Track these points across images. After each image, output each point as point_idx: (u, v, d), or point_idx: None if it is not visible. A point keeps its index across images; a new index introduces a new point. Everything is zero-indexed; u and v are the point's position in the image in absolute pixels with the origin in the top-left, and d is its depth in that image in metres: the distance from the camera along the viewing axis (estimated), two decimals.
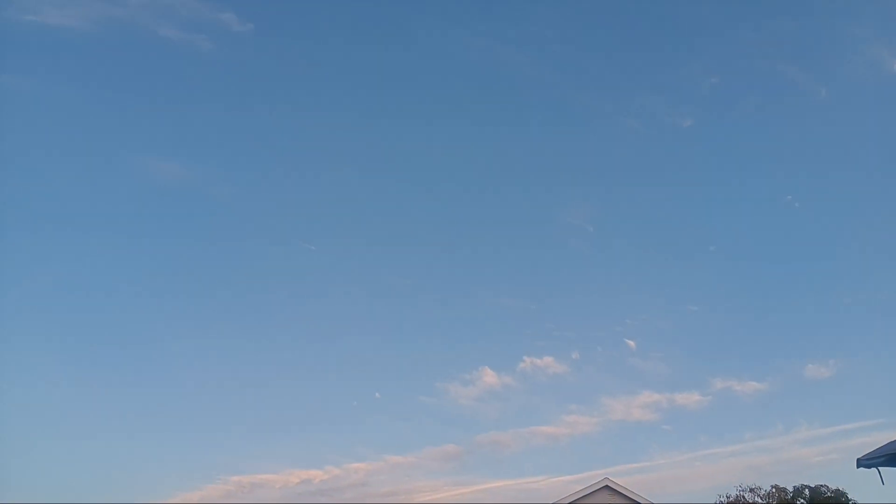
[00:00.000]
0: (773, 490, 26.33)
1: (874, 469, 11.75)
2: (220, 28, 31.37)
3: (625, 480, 18.10)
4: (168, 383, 28.11)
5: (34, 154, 29.32)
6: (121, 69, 30.96)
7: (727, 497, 26.30)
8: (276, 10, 32.75)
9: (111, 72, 30.85)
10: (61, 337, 27.76)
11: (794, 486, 26.65)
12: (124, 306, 28.99)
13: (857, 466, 11.81)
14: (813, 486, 26.65)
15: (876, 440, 12.25)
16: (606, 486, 17.82)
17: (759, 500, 26.19)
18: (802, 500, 26.42)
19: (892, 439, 11.52)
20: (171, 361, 28.42)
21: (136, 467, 26.07)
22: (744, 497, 26.20)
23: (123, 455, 25.83)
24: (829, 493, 26.17)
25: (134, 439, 26.10)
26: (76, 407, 26.65)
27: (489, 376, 29.78)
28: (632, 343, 30.49)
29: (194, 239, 30.39)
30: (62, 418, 26.26)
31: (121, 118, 30.55)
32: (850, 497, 25.86)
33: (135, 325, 28.63)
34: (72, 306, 28.60)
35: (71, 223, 29.27)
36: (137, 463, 26.09)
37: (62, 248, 29.14)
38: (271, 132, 32.21)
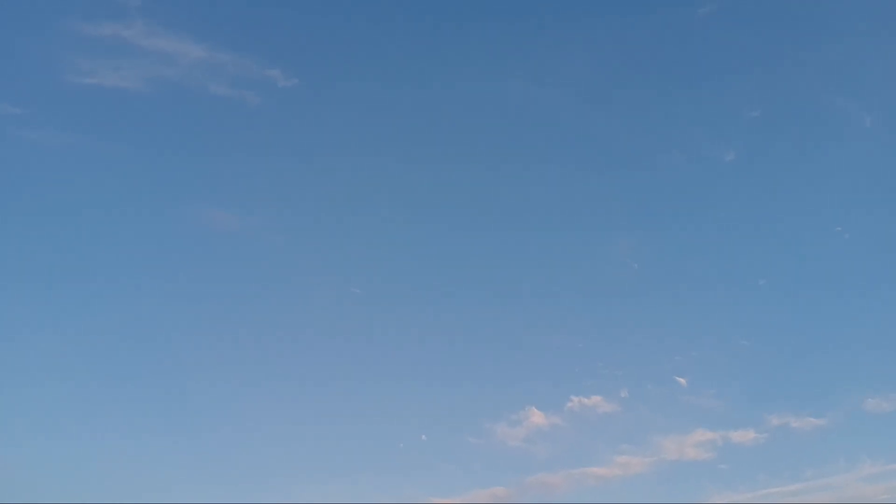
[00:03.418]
0: None
1: None
2: (267, 84, 32.82)
3: None
4: (216, 426, 28.53)
5: (93, 208, 30.87)
6: (174, 125, 32.57)
7: None
8: (319, 64, 34.15)
9: (165, 128, 32.47)
10: (120, 381, 28.54)
11: None
12: (182, 352, 29.73)
13: None
14: None
15: None
16: None
17: None
18: None
19: None
20: (220, 406, 28.90)
21: None
22: None
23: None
24: None
25: (190, 485, 26.46)
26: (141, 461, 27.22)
27: (536, 416, 29.47)
28: (682, 380, 29.89)
29: (247, 282, 31.30)
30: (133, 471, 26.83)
31: (175, 172, 32.01)
32: None
33: (192, 371, 29.33)
34: (127, 351, 29.40)
35: (130, 274, 30.50)
36: None
37: (123, 297, 30.26)
38: (317, 180, 33.24)
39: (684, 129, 34.10)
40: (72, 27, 32.04)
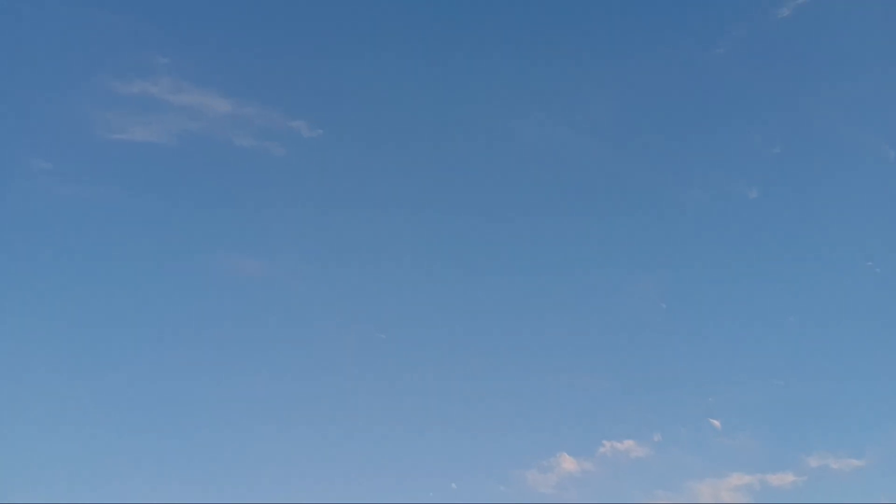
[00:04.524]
0: None
1: None
2: (291, 135, 33.51)
3: None
4: (239, 472, 28.30)
5: (124, 258, 31.40)
6: (201, 177, 33.25)
7: None
8: (342, 114, 34.85)
9: (193, 179, 33.17)
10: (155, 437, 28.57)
11: None
12: (210, 398, 29.76)
13: None
14: None
15: None
16: None
17: None
18: None
19: None
20: (245, 451, 28.75)
21: None
22: None
23: None
24: None
25: None
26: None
27: (568, 462, 28.99)
28: (716, 422, 29.35)
29: (273, 328, 31.45)
30: None
31: (203, 221, 32.55)
32: None
33: (220, 418, 29.32)
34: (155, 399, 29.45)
35: (161, 320, 30.81)
36: None
37: (155, 343, 30.51)
38: (341, 227, 33.54)
39: (705, 167, 34.16)
40: (102, 85, 33.07)
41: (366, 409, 30.16)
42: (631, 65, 35.38)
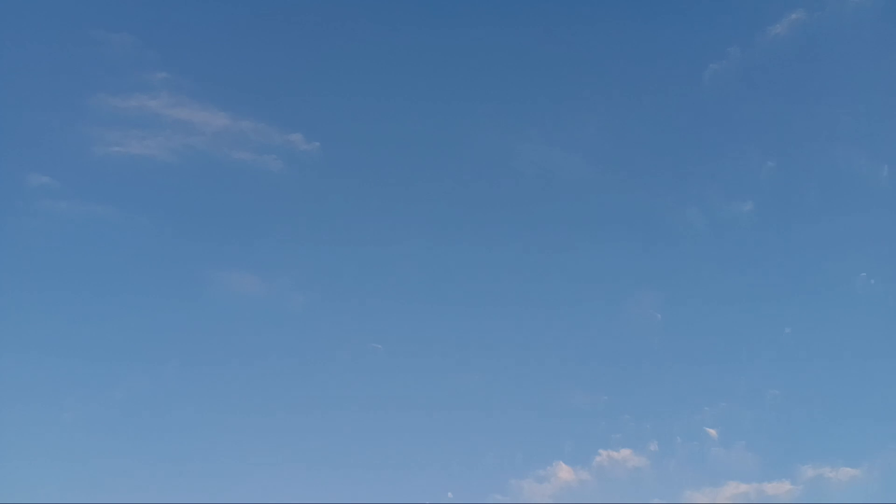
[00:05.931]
0: None
1: None
2: (288, 148, 33.87)
3: None
4: (235, 489, 28.22)
5: (122, 273, 31.61)
6: (199, 191, 33.58)
7: None
8: (339, 128, 35.28)
9: (190, 194, 33.49)
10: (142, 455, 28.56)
11: None
12: (208, 413, 29.79)
13: None
14: None
15: None
16: None
17: None
18: None
19: None
20: (242, 468, 28.68)
21: None
22: None
23: None
24: None
25: None
26: None
27: (564, 472, 28.97)
28: (713, 431, 29.37)
29: (270, 340, 31.60)
30: None
31: (201, 236, 32.80)
32: None
33: (218, 433, 29.32)
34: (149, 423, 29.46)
35: (162, 339, 30.96)
36: None
37: (156, 357, 30.60)
38: (338, 241, 33.78)
39: (701, 182, 34.50)
40: (100, 100, 33.50)
41: (363, 420, 30.19)
42: (627, 84, 35.93)
